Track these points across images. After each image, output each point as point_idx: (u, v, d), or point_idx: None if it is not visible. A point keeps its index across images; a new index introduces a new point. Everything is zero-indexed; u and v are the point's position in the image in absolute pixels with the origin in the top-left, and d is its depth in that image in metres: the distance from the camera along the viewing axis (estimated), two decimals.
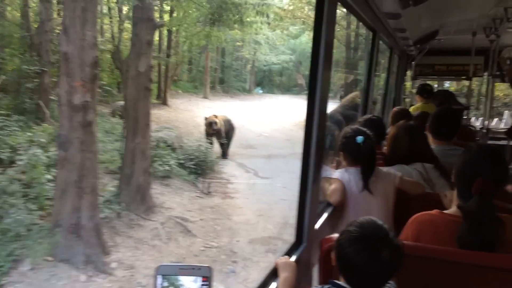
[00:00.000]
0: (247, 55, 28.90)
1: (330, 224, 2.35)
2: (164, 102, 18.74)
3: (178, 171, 8.77)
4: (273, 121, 17.53)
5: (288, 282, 1.53)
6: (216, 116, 11.20)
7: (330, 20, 1.93)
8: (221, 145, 11.27)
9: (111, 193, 6.82)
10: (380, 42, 4.26)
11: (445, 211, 1.70)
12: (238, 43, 28.06)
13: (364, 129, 2.42)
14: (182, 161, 9.28)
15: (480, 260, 1.42)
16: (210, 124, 10.99)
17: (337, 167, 2.60)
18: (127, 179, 6.85)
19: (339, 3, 2.24)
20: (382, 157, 2.76)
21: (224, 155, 11.20)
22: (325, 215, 2.33)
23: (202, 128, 11.67)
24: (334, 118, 6.00)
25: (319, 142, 1.95)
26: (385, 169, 2.44)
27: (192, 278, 0.86)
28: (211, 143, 10.76)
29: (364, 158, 2.29)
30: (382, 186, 2.32)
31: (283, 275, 1.56)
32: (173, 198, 7.57)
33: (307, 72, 30.99)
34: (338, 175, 2.38)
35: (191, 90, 24.85)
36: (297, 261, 1.74)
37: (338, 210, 2.37)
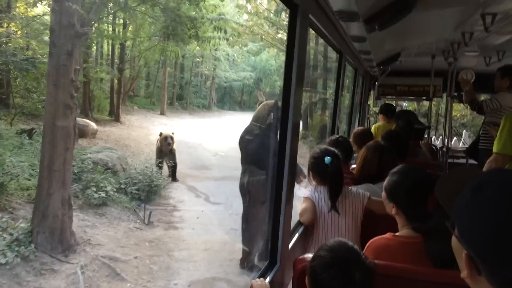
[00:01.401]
0: (206, 71, 28.60)
1: (302, 244, 2.40)
2: (116, 119, 17.89)
3: (118, 197, 7.80)
4: (231, 139, 16.76)
5: None
6: (161, 134, 10.40)
7: (302, 42, 2.00)
8: (171, 166, 10.44)
9: (22, 230, 5.71)
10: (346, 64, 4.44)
11: (397, 234, 1.77)
12: (197, 59, 27.71)
13: (333, 149, 2.48)
14: (123, 186, 8.38)
15: (452, 279, 1.34)
16: (165, 139, 10.15)
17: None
18: (42, 213, 5.80)
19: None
20: (350, 176, 2.85)
21: (174, 177, 10.38)
22: (296, 235, 2.37)
23: (154, 147, 10.83)
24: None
25: (292, 162, 2.00)
26: (354, 188, 2.48)
27: None
28: (160, 165, 9.92)
29: (331, 178, 2.34)
30: (351, 205, 2.37)
31: None
32: (105, 231, 6.57)
33: (267, 89, 31.04)
34: (308, 194, 2.42)
35: (147, 106, 24.21)
36: (271, 282, 1.79)
37: (309, 229, 2.42)
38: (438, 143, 8.00)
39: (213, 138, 16.50)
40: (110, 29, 18.31)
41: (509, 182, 0.77)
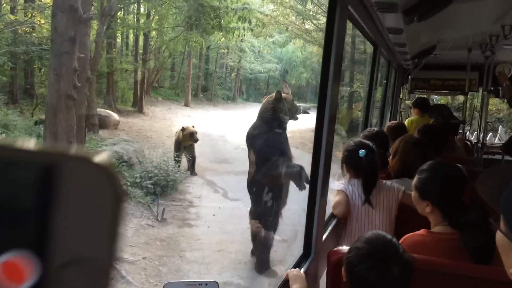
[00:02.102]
0: (231, 62, 28.18)
1: (335, 236, 2.42)
2: (140, 110, 17.79)
3: (132, 192, 7.52)
4: None
5: None
6: (184, 129, 10.07)
7: (340, 35, 1.98)
8: (190, 160, 10.14)
9: None
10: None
11: (432, 230, 1.75)
12: (222, 50, 27.39)
13: (367, 142, 2.45)
14: (138, 180, 8.06)
15: (491, 275, 1.37)
16: (191, 135, 9.72)
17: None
18: None
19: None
20: (386, 170, 2.84)
21: (193, 171, 10.08)
22: (330, 227, 2.39)
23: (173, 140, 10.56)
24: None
25: (327, 155, 2.00)
26: (388, 182, 2.46)
27: None
28: (178, 159, 9.63)
29: (365, 172, 2.32)
30: (385, 199, 2.36)
31: (294, 286, 1.60)
32: None
33: (293, 81, 30.51)
34: (342, 187, 2.41)
35: (172, 97, 24.02)
36: (305, 272, 1.78)
37: (342, 222, 2.44)
38: (473, 138, 7.82)
39: (236, 131, 16.15)
40: (135, 19, 18.17)
41: None
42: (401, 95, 6.83)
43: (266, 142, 4.54)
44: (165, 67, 24.55)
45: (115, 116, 14.10)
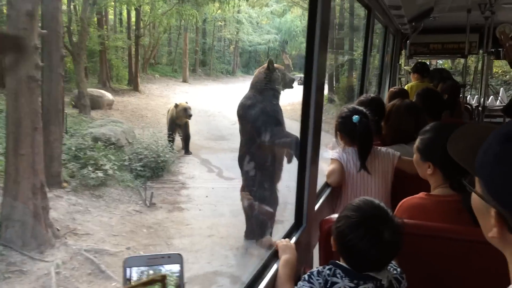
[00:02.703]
0: (228, 35, 27.43)
1: (329, 205, 2.39)
2: (135, 88, 17.39)
3: (120, 176, 7.18)
4: None
5: (289, 263, 1.55)
6: (177, 105, 9.65)
7: None
8: (184, 139, 9.77)
9: None
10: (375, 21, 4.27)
11: (432, 193, 1.73)
12: (219, 23, 26.74)
13: (361, 108, 2.41)
14: (127, 163, 7.70)
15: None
16: (185, 111, 9.40)
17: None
18: (10, 203, 5.08)
19: None
20: (382, 136, 2.80)
21: (187, 150, 9.72)
22: (323, 196, 2.35)
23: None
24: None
25: (317, 123, 1.97)
26: (383, 148, 2.45)
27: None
28: (171, 138, 9.26)
29: (360, 137, 2.31)
30: (380, 165, 2.36)
31: (284, 256, 1.57)
32: (98, 217, 5.91)
33: (293, 52, 29.80)
34: (336, 156, 2.40)
35: (170, 74, 23.66)
36: (297, 242, 1.77)
37: (337, 191, 2.43)
38: (474, 102, 7.73)
39: (234, 106, 15.65)
40: None
41: None
42: (400, 61, 6.67)
43: (259, 112, 4.29)
44: (161, 43, 23.98)
45: (108, 95, 13.70)
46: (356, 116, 2.28)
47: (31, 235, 5.02)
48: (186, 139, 9.72)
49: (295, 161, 4.13)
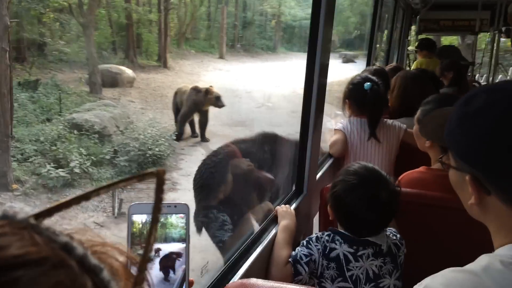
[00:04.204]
0: (269, 9, 26.08)
1: (331, 175, 2.33)
2: (164, 65, 16.74)
3: (97, 173, 6.21)
4: (288, 86, 14.59)
5: (288, 229, 1.57)
6: (208, 91, 8.52)
7: None
8: (202, 125, 8.60)
9: None
10: None
11: (432, 167, 1.76)
12: None
13: (373, 77, 2.39)
14: (108, 156, 6.64)
15: None
16: (217, 99, 8.22)
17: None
18: None
19: None
20: (388, 109, 2.78)
21: (204, 137, 8.61)
22: (325, 166, 2.36)
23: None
24: None
25: (320, 92, 1.97)
26: (390, 120, 2.44)
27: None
28: (177, 133, 8.30)
29: (370, 105, 2.28)
30: (385, 137, 2.35)
31: (283, 222, 1.60)
32: None
33: (339, 27, 28.13)
34: (340, 126, 2.38)
35: (206, 49, 22.60)
36: (296, 209, 1.78)
37: (339, 161, 2.41)
38: (482, 80, 7.58)
39: (266, 86, 14.50)
40: None
41: (496, 87, 0.80)
42: (409, 37, 6.63)
43: None
44: (200, 17, 23.26)
45: (128, 72, 12.96)
46: (368, 83, 2.28)
47: None
48: (203, 125, 8.70)
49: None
